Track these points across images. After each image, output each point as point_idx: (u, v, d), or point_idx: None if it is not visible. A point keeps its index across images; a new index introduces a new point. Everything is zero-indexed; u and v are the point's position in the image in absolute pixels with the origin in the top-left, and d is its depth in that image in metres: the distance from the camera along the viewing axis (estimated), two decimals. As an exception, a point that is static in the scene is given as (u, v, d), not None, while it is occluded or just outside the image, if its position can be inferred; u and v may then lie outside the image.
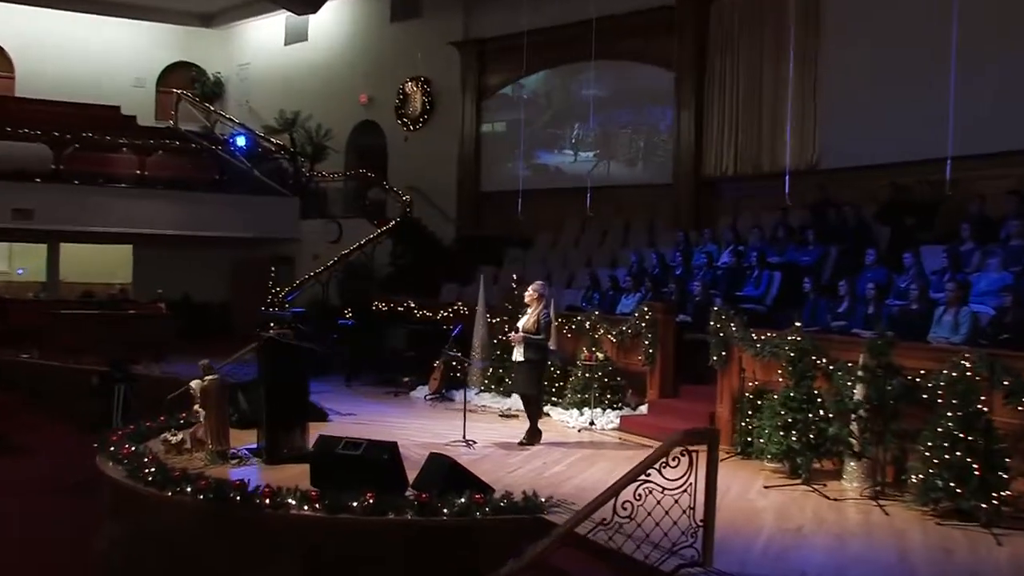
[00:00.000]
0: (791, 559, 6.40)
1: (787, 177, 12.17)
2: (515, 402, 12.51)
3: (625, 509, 5.94)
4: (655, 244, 16.27)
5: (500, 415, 12.11)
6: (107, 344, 15.43)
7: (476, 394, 13.10)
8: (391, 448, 7.57)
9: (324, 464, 7.59)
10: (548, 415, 11.68)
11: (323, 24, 23.72)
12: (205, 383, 8.75)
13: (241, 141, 21.47)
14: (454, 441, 10.04)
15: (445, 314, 15.35)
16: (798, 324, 9.33)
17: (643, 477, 6.05)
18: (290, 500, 7.21)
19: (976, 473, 7.31)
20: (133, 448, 8.63)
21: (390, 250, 19.77)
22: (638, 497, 5.99)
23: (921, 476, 7.65)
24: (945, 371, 7.84)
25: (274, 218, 20.85)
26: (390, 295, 16.78)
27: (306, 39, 24.31)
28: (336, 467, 7.50)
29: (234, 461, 8.70)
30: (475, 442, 10.01)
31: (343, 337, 14.81)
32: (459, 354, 11.98)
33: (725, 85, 16.61)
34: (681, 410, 11.12)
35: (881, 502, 7.87)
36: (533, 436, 10.18)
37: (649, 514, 6.01)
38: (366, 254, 19.30)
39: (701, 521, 6.11)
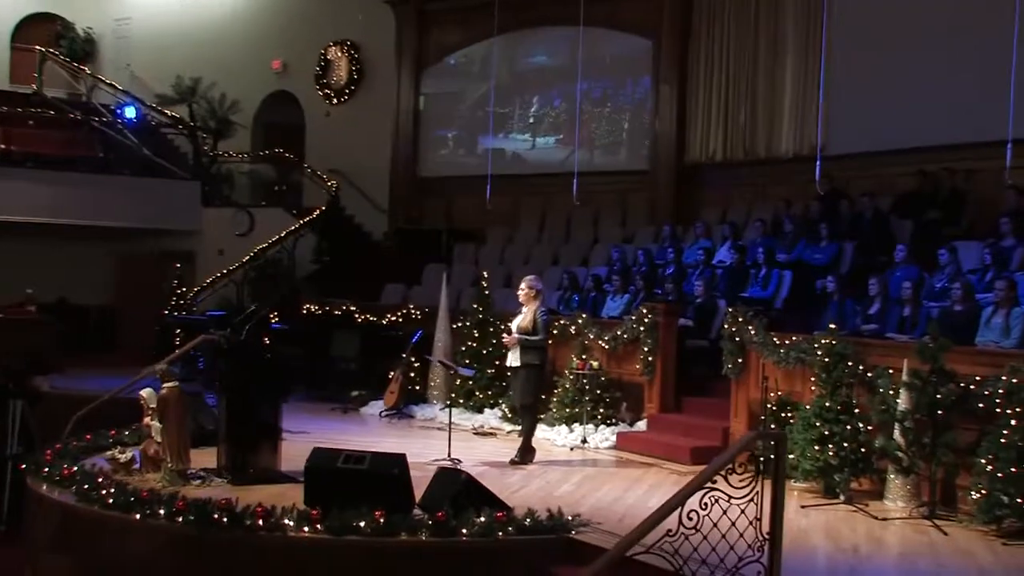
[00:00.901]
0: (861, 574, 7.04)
1: (819, 162, 12.89)
2: (487, 418, 13.15)
3: (691, 519, 6.45)
4: (633, 239, 17.04)
5: (474, 432, 12.55)
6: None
7: (440, 409, 13.54)
8: (400, 461, 7.98)
9: (321, 480, 7.94)
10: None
11: None
12: (163, 391, 9.01)
13: (130, 113, 21.39)
14: (436, 460, 10.44)
15: (393, 318, 15.77)
16: (832, 326, 9.98)
17: (709, 484, 6.57)
18: (287, 520, 7.54)
19: (1047, 490, 8.06)
20: (75, 468, 8.85)
21: (314, 245, 20.13)
22: (704, 506, 6.51)
23: (983, 492, 8.35)
24: (1004, 377, 8.57)
25: (170, 205, 20.76)
26: (324, 297, 17.06)
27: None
28: (336, 483, 7.85)
29: (196, 482, 8.96)
30: (460, 461, 10.42)
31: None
32: (446, 360, 12.35)
33: (713, 55, 17.47)
34: (686, 426, 11.82)
35: (936, 521, 8.55)
36: (526, 453, 10.66)
37: (715, 525, 6.54)
38: (286, 249, 19.58)
39: (768, 534, 6.67)
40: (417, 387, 14.11)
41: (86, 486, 8.34)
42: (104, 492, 8.12)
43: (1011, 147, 12.54)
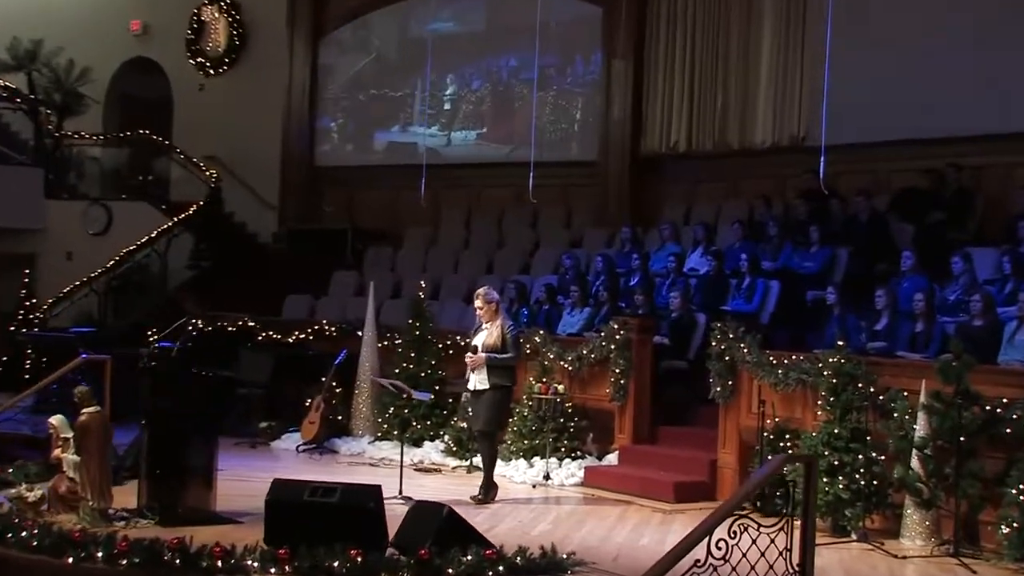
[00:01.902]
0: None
1: (823, 157, 14.10)
2: (428, 452, 14.14)
3: (720, 549, 7.47)
4: (581, 242, 18.37)
5: (415, 469, 13.49)
6: None
7: (369, 443, 14.72)
8: (375, 494, 8.90)
9: (285, 516, 8.82)
10: (479, 468, 13.11)
11: None
12: (83, 418, 9.77)
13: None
14: (387, 498, 11.33)
15: (302, 336, 16.77)
16: (840, 343, 11.16)
17: (738, 512, 7.59)
18: (250, 561, 8.40)
19: (1080, 520, 9.31)
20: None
21: (191, 248, 21.09)
22: (733, 535, 7.53)
23: (1015, 525, 9.56)
24: (1035, 402, 9.85)
25: (4, 197, 21.49)
26: (214, 311, 17.92)
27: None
28: (302, 519, 8.75)
29: (120, 524, 9.72)
30: (412, 499, 11.33)
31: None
32: (398, 383, 13.26)
33: (676, 26, 18.73)
34: (664, 458, 13.06)
35: (962, 562, 9.73)
36: (489, 490, 11.74)
37: (744, 555, 7.56)
38: (157, 253, 20.43)
39: (798, 566, 7.73)
40: (340, 417, 15.07)
41: (2, 527, 9.07)
42: (26, 533, 8.84)
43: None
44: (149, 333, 17.40)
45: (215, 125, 22.96)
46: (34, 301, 19.43)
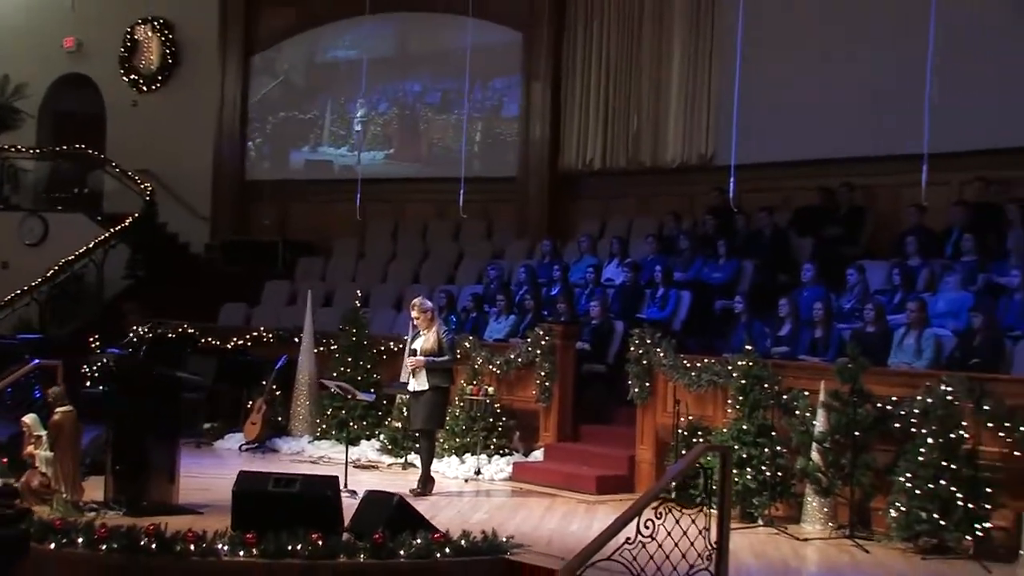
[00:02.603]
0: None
1: (732, 173, 14.93)
2: (364, 451, 14.82)
3: (648, 528, 8.30)
4: (503, 254, 18.98)
5: (354, 466, 14.13)
6: None
7: (309, 442, 15.31)
8: (332, 483, 9.65)
9: (250, 504, 9.51)
10: (413, 464, 13.85)
11: None
12: (57, 417, 10.41)
13: None
14: (332, 491, 12.06)
15: (240, 342, 17.35)
16: (748, 348, 12.05)
17: (663, 496, 8.44)
18: (220, 545, 9.07)
19: (960, 504, 10.23)
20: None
21: (127, 258, 21.45)
22: (659, 516, 8.38)
23: (902, 510, 10.50)
24: (919, 397, 10.75)
25: None
26: (155, 318, 18.37)
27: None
28: (266, 507, 9.46)
29: (90, 514, 10.32)
30: (356, 492, 12.03)
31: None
32: (343, 384, 13.89)
33: (591, 51, 19.34)
34: (586, 455, 13.79)
35: (855, 542, 10.67)
36: (427, 483, 12.49)
37: (669, 534, 8.41)
38: (95, 263, 20.90)
39: (716, 543, 8.59)
40: (280, 418, 15.71)
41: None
42: (9, 522, 9.45)
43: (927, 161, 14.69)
44: (91, 339, 18.07)
45: (148, 140, 23.22)
46: None
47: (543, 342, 14.09)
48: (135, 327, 18.10)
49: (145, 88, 23.84)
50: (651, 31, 18.70)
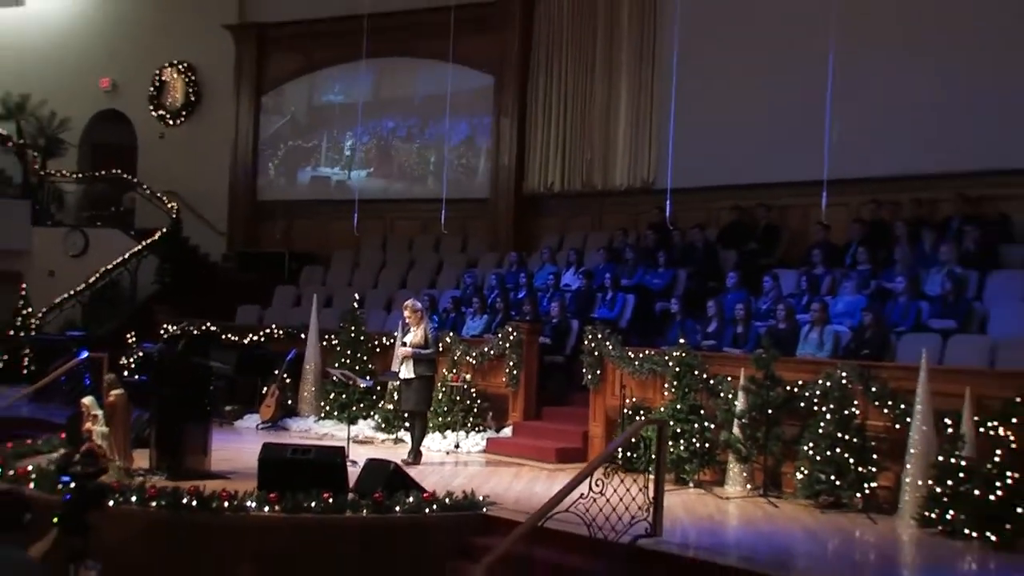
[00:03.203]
0: (718, 533, 9.75)
1: (666, 196, 15.51)
2: (362, 429, 15.19)
3: (599, 485, 8.95)
4: (476, 264, 19.22)
5: (354, 441, 14.62)
6: None
7: (315, 421, 15.72)
8: (340, 453, 10.24)
9: (273, 468, 10.08)
10: (403, 440, 14.36)
11: None
12: (111, 398, 10.92)
13: (-45, 129, 22.75)
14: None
15: (255, 338, 17.74)
16: (682, 341, 12.66)
17: (611, 461, 9.09)
18: (249, 503, 9.66)
19: (852, 468, 10.88)
20: (30, 467, 10.68)
21: (156, 267, 21.74)
22: (607, 476, 9.02)
23: (806, 473, 11.16)
24: (820, 381, 11.37)
25: None
26: (180, 318, 18.70)
27: (20, 4, 25.52)
28: (285, 471, 10.02)
29: (139, 479, 10.84)
30: (356, 462, 12.55)
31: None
32: (346, 373, 14.37)
33: (552, 92, 19.73)
34: (548, 431, 14.26)
35: (769, 500, 11.31)
36: (417, 455, 12.98)
37: (615, 491, 9.06)
38: (129, 271, 21.29)
39: (653, 499, 9.24)
40: (290, 401, 16.11)
41: (51, 480, 10.19)
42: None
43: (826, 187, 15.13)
44: (127, 336, 18.51)
45: (174, 166, 23.39)
46: (30, 310, 20.00)
47: (511, 337, 14.53)
48: (165, 326, 18.49)
49: (171, 122, 24.08)
50: (602, 75, 19.04)
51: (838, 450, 10.94)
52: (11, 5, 25.65)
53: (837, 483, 10.94)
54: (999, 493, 9.47)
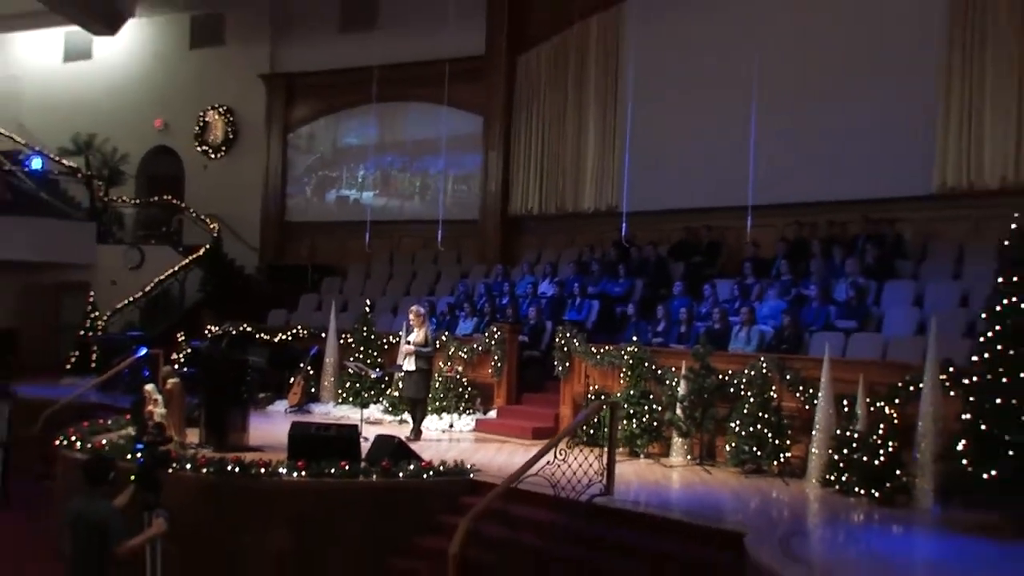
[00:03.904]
0: (662, 494, 10.36)
1: (624, 217, 15.98)
2: (372, 412, 15.55)
3: (563, 454, 9.60)
4: (468, 275, 19.60)
5: (366, 423, 15.14)
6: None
7: (333, 406, 16.19)
8: (354, 429, 10.88)
9: (301, 443, 10.70)
10: (406, 421, 14.75)
11: (111, 44, 25.54)
12: (169, 386, 11.55)
13: (37, 163, 23.18)
14: (352, 438, 13.14)
15: (284, 337, 18.14)
16: (635, 338, 13.27)
17: (575, 436, 9.72)
18: (282, 469, 10.28)
19: (770, 441, 11.51)
20: (103, 440, 11.30)
21: (200, 277, 22.05)
22: (570, 447, 9.66)
23: (733, 445, 11.79)
24: (746, 371, 11.99)
25: (69, 243, 22.39)
26: (222, 320, 19.04)
27: (90, 57, 26.00)
28: (311, 445, 10.64)
29: (192, 451, 11.43)
30: (368, 438, 13.12)
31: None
32: (360, 365, 14.89)
33: (531, 130, 20.14)
34: (527, 413, 14.73)
35: (704, 468, 11.95)
36: (418, 434, 13.51)
37: (576, 460, 9.69)
38: (178, 281, 21.74)
39: (607, 465, 9.89)
40: (313, 389, 16.61)
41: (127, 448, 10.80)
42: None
43: (751, 212, 15.71)
44: (177, 336, 18.95)
45: (215, 193, 23.73)
46: (96, 314, 20.34)
47: (496, 336, 15.04)
48: (209, 327, 18.87)
49: (213, 156, 24.36)
50: (572, 117, 19.43)
51: (759, 427, 11.55)
52: (82, 59, 26.18)
53: (758, 453, 11.54)
54: (882, 459, 10.06)
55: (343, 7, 22.76)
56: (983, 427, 8.70)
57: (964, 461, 8.84)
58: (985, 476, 8.55)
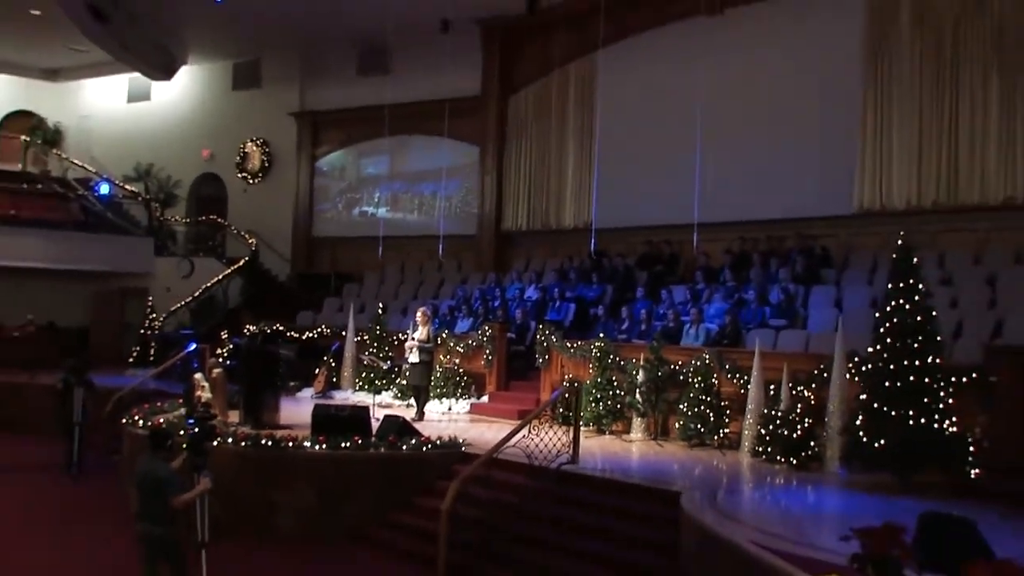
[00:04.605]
0: (620, 463, 10.87)
1: (593, 235, 16.42)
2: (384, 397, 16.02)
3: (534, 430, 10.15)
4: (467, 281, 19.99)
5: (378, 407, 15.64)
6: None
7: (352, 393, 16.63)
8: (366, 410, 11.44)
9: (323, 421, 11.25)
10: (412, 405, 15.07)
11: (167, 87, 25.98)
12: (214, 375, 12.10)
13: (104, 189, 23.72)
14: (366, 418, 13.65)
15: (310, 335, 18.65)
16: (602, 335, 13.80)
17: (546, 413, 10.27)
18: (306, 443, 10.82)
19: (712, 419, 12.07)
20: (162, 419, 11.85)
21: (241, 284, 22.56)
22: (541, 423, 10.21)
23: (682, 423, 12.33)
24: (693, 362, 12.54)
25: (131, 255, 22.92)
26: (259, 319, 19.46)
27: (149, 99, 26.51)
28: (332, 422, 11.18)
29: (233, 428, 11.98)
30: (378, 419, 13.65)
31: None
32: (374, 358, 15.37)
33: (520, 159, 20.59)
34: (514, 397, 15.16)
35: (658, 442, 12.51)
36: (422, 415, 13.99)
37: (547, 434, 10.25)
38: (222, 287, 22.24)
39: (573, 438, 10.44)
40: (335, 379, 17.09)
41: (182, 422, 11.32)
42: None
43: (700, 229, 16.39)
44: (221, 333, 19.37)
45: (253, 212, 24.24)
46: (154, 315, 20.83)
47: (488, 334, 15.50)
48: (248, 326, 19.32)
49: (251, 181, 24.78)
50: (555, 146, 19.86)
51: (703, 408, 12.11)
52: (142, 100, 26.68)
53: (702, 430, 12.10)
54: (799, 433, 10.62)
55: (360, 55, 23.20)
56: (876, 405, 9.25)
57: (861, 434, 9.39)
58: (877, 445, 9.09)
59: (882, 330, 9.32)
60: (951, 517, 5.80)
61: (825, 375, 10.90)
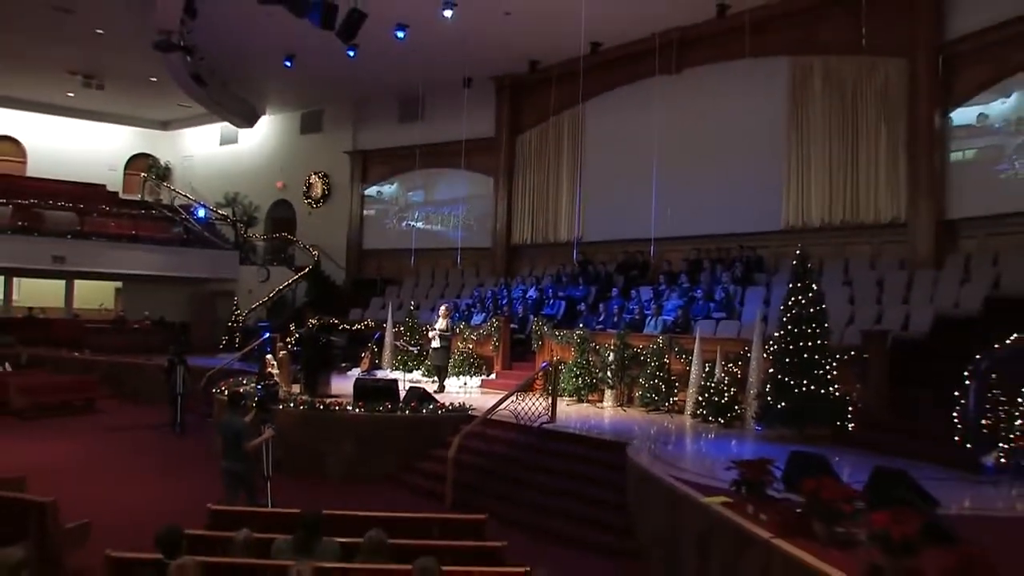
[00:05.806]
0: (592, 424, 11.43)
1: (576, 246, 16.86)
2: (414, 375, 16.42)
3: (520, 397, 10.77)
4: (484, 284, 20.53)
5: (409, 382, 16.25)
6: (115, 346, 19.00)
7: (390, 372, 17.12)
8: (394, 383, 12.11)
9: (362, 391, 11.93)
10: (435, 380, 15.54)
11: (251, 133, 26.68)
12: (281, 355, 12.80)
13: (202, 213, 24.52)
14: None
15: (359, 326, 19.30)
16: (582, 326, 14.37)
17: (531, 384, 10.88)
18: (349, 407, 11.50)
19: (664, 390, 12.61)
20: (241, 389, 12.53)
21: (306, 288, 23.14)
22: (526, 393, 10.84)
23: (641, 394, 12.89)
24: (651, 346, 13.08)
25: (221, 265, 23.51)
26: (319, 315, 20.18)
27: (236, 142, 27.18)
28: (369, 392, 11.86)
29: (294, 397, 12.68)
30: (404, 390, 14.22)
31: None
32: (408, 345, 15.99)
33: (525, 187, 20.92)
34: (515, 375, 15.40)
35: (623, 408, 13.06)
36: (442, 388, 14.61)
37: (530, 402, 10.87)
38: (291, 290, 22.92)
39: (551, 404, 11.05)
40: (377, 360, 17.68)
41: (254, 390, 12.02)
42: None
43: (659, 241, 16.84)
44: (290, 326, 20.02)
45: (316, 230, 24.65)
46: (239, 312, 21.49)
47: (495, 325, 15.99)
48: (311, 320, 19.99)
49: (315, 206, 25.11)
50: (552, 176, 20.11)
51: (657, 382, 12.62)
52: (231, 143, 27.33)
53: (656, 398, 12.61)
54: (727, 399, 11.16)
55: (400, 106, 23.60)
56: (780, 376, 9.80)
57: (769, 398, 9.94)
58: (779, 407, 9.65)
59: (785, 319, 9.86)
60: (809, 454, 6.39)
61: (748, 354, 11.41)
